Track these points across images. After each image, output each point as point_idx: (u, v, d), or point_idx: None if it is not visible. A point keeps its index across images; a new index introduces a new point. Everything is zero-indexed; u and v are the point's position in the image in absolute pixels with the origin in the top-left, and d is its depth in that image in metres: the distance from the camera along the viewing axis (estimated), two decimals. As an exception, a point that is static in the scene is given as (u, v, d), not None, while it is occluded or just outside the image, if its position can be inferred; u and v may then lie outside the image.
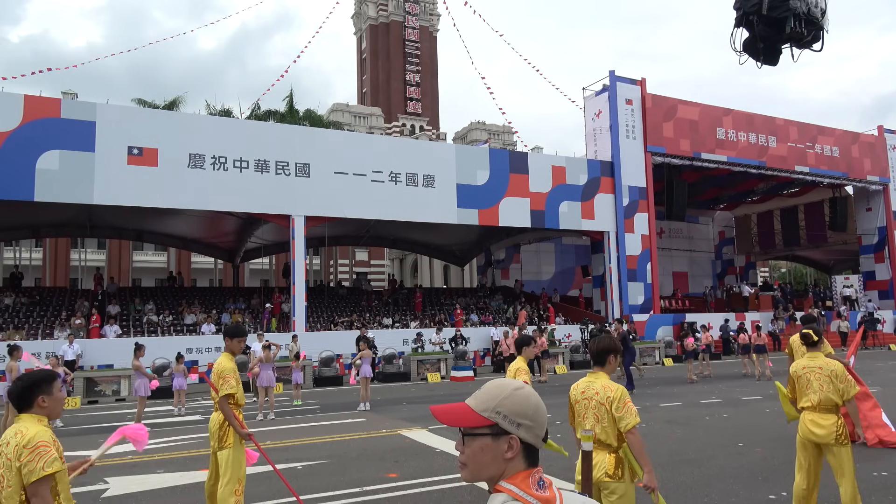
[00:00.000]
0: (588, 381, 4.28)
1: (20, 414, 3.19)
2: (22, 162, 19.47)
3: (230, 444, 5.70)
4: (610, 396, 4.09)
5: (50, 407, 3.22)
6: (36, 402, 3.19)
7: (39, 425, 3.14)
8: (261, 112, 36.50)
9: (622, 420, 4.04)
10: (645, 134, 30.61)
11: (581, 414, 4.23)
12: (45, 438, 3.06)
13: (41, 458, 3.00)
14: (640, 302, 29.71)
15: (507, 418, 1.59)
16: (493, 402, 1.61)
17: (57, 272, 40.03)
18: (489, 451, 1.59)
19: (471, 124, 75.26)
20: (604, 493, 4.08)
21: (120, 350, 19.48)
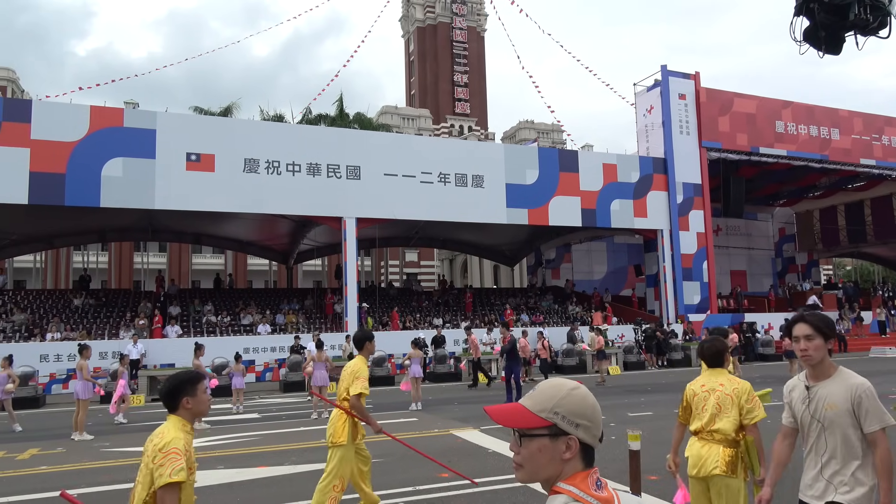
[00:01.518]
0: (708, 377, 4.42)
1: (169, 414, 3.34)
2: (89, 170, 20.38)
3: (342, 441, 5.96)
4: (737, 388, 4.24)
5: (194, 409, 3.33)
6: (181, 405, 3.31)
7: (180, 431, 3.23)
8: (312, 116, 37.21)
9: (751, 412, 4.17)
10: (699, 129, 29.83)
11: (700, 406, 4.34)
12: (179, 446, 3.14)
13: (171, 464, 3.08)
14: (696, 301, 28.96)
15: (566, 419, 1.57)
16: (550, 402, 1.59)
17: (121, 275, 41.73)
18: (547, 452, 1.57)
19: (519, 123, 74.87)
20: (714, 488, 4.15)
21: (181, 350, 20.15)
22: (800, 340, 3.21)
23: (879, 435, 3.02)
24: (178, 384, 3.33)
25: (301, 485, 7.69)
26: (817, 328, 3.19)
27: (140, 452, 4.19)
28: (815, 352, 3.18)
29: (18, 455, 10.21)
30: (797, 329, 3.23)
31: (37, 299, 25.82)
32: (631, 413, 12.87)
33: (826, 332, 3.19)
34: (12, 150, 19.71)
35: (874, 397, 3.07)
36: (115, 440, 11.56)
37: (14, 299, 25.43)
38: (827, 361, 3.19)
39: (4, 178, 19.56)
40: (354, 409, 6.01)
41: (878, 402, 3.06)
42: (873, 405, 3.05)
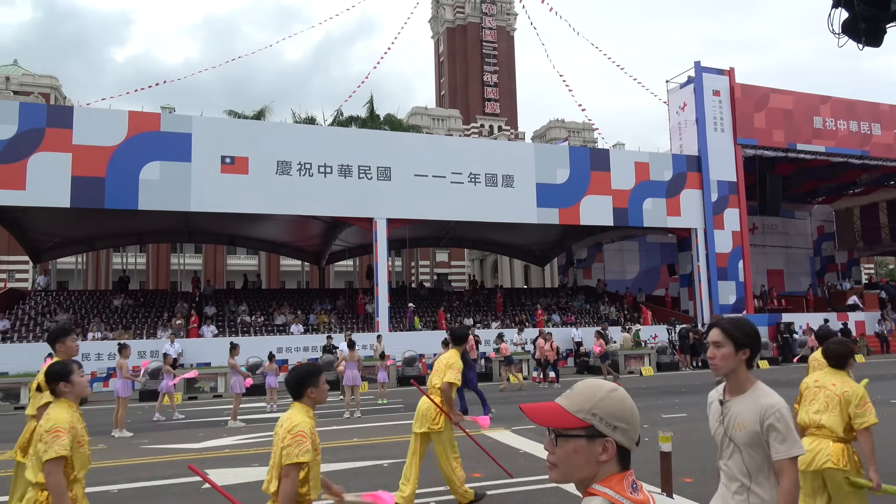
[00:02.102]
0: (825, 374, 4.57)
1: (294, 402, 3.74)
2: (127, 173, 20.91)
3: (442, 427, 6.60)
4: (848, 392, 4.34)
5: (316, 398, 3.73)
6: (306, 394, 3.71)
7: (305, 416, 3.63)
8: (343, 118, 37.56)
9: (859, 417, 4.25)
10: (734, 126, 29.29)
11: (809, 399, 4.54)
12: (305, 430, 3.54)
13: (298, 446, 3.48)
14: (732, 301, 28.44)
15: (604, 420, 1.56)
16: (588, 403, 1.58)
17: (159, 276, 42.67)
18: (583, 454, 1.56)
19: (550, 122, 74.43)
20: (831, 481, 4.24)
21: (216, 349, 20.53)
22: (710, 347, 2.89)
23: (786, 464, 2.69)
24: (304, 375, 3.73)
25: (335, 482, 7.77)
26: (728, 334, 2.81)
27: (177, 450, 4.27)
28: (721, 361, 2.81)
29: (62, 451, 10.52)
30: (710, 335, 2.91)
31: (78, 299, 26.56)
32: (665, 414, 12.71)
33: (738, 340, 2.79)
34: (56, 156, 20.34)
35: (785, 421, 2.72)
36: (154, 437, 11.84)
37: (57, 299, 26.21)
38: (742, 374, 2.83)
39: (48, 183, 20.19)
40: (444, 394, 6.64)
41: (789, 428, 2.72)
42: (784, 430, 2.71)
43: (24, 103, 23.59)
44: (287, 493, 3.43)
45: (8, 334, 22.25)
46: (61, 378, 3.87)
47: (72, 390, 3.91)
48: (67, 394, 3.91)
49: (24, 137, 20.20)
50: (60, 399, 3.88)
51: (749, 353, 2.78)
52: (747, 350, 2.79)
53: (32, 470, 3.68)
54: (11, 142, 20.05)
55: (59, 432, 3.62)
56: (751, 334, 2.82)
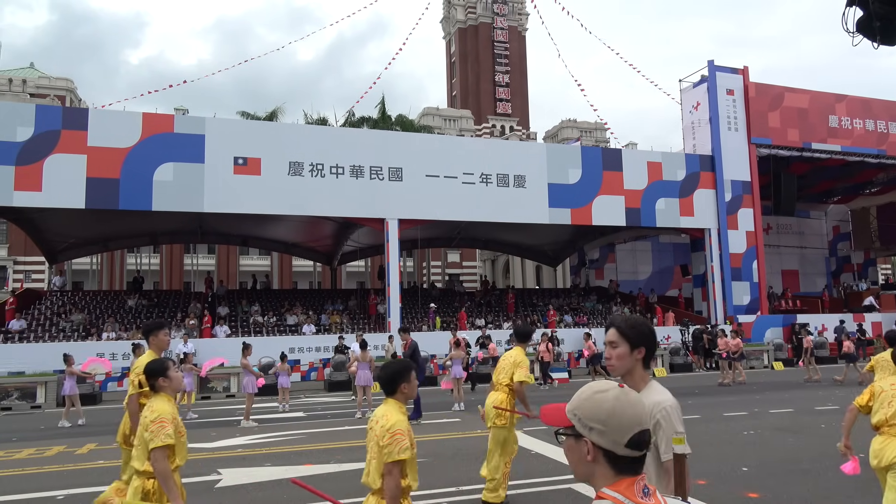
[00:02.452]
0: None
1: (387, 398, 3.87)
2: (141, 174, 21.08)
3: (505, 423, 6.72)
4: None
5: (408, 393, 3.88)
6: (399, 389, 3.84)
7: (399, 412, 3.78)
8: (355, 119, 37.64)
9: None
10: (748, 125, 29.06)
11: (885, 402, 4.76)
12: (403, 427, 3.69)
13: (397, 444, 3.62)
14: (746, 302, 28.21)
15: (581, 421, 1.60)
16: (574, 402, 1.65)
17: (172, 276, 42.95)
18: (574, 452, 1.62)
19: (561, 122, 74.21)
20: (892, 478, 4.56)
21: (229, 349, 20.59)
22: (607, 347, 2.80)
23: (677, 460, 2.52)
24: (397, 371, 3.87)
25: (346, 482, 7.79)
26: (623, 334, 2.71)
27: (190, 448, 4.30)
28: (617, 361, 2.72)
29: (77, 449, 10.62)
30: (607, 334, 2.82)
31: (93, 300, 26.82)
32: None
33: (633, 340, 2.69)
34: (71, 157, 20.55)
35: (671, 419, 2.54)
36: (168, 436, 11.90)
37: (73, 300, 26.47)
38: (637, 374, 2.71)
39: (64, 184, 20.40)
40: (518, 393, 6.87)
41: (673, 427, 2.54)
42: (670, 429, 2.53)
43: (41, 106, 23.85)
44: (391, 490, 3.61)
45: (24, 334, 22.51)
46: (160, 374, 4.19)
47: (169, 385, 4.23)
48: (166, 388, 4.22)
49: (40, 139, 20.43)
50: (160, 393, 4.18)
51: (644, 353, 2.70)
52: (642, 349, 2.70)
53: (139, 459, 3.97)
54: (28, 144, 20.28)
55: (164, 423, 3.95)
56: (646, 333, 2.73)
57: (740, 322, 27.22)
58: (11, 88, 50.21)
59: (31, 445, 11.16)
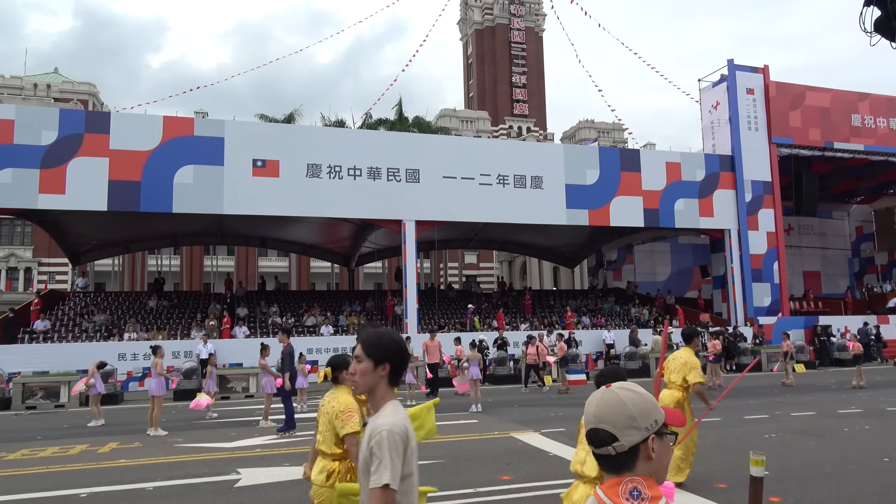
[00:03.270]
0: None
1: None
2: (162, 177, 21.34)
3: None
4: None
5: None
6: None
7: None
8: (372, 121, 37.77)
9: None
10: (769, 124, 28.73)
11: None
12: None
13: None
14: (767, 304, 27.87)
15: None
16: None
17: (192, 277, 43.40)
18: None
19: (579, 123, 73.92)
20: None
21: (248, 350, 20.81)
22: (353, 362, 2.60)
23: (375, 493, 2.24)
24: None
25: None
26: (366, 349, 2.51)
27: (211, 448, 4.33)
28: (360, 377, 2.52)
29: (100, 448, 10.78)
30: (355, 349, 2.60)
31: (115, 301, 27.19)
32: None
33: (377, 355, 2.49)
34: (93, 160, 20.86)
35: (385, 446, 2.28)
36: (188, 436, 12.04)
37: (95, 301, 26.85)
38: (380, 392, 2.50)
39: (86, 187, 20.72)
40: (700, 395, 7.50)
41: (388, 453, 2.28)
42: (379, 456, 2.29)
43: (64, 110, 24.23)
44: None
45: (48, 334, 22.87)
46: (343, 367, 4.53)
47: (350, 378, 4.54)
48: (347, 381, 4.46)
49: (64, 143, 20.77)
50: (341, 385, 4.51)
51: (389, 369, 2.50)
52: (387, 365, 2.49)
53: (326, 443, 4.31)
54: (52, 147, 20.63)
55: (351, 412, 4.24)
56: (391, 348, 2.52)
57: (761, 324, 26.91)
58: (36, 93, 51.10)
59: (55, 444, 11.34)
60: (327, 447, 4.28)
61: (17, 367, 18.99)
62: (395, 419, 2.38)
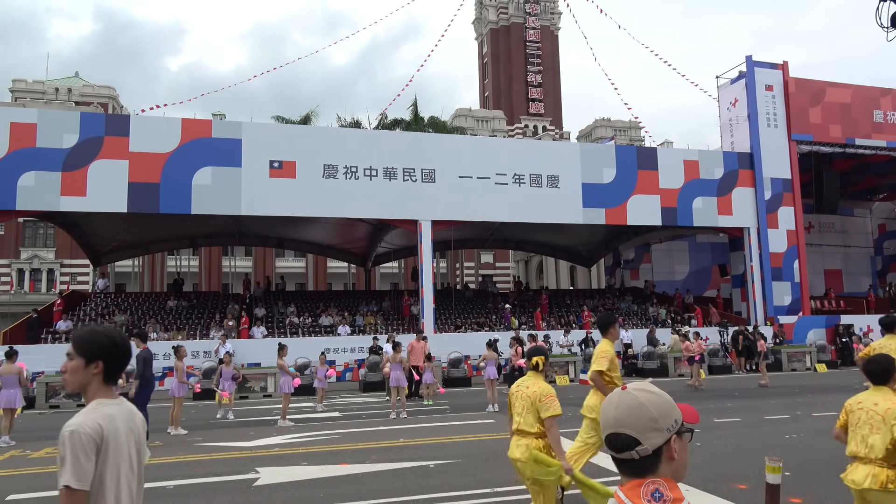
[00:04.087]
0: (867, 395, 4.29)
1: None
2: (181, 179, 21.58)
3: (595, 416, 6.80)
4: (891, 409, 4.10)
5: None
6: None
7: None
8: (388, 121, 37.88)
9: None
10: (788, 121, 28.38)
11: (854, 424, 4.27)
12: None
13: None
14: (787, 303, 27.53)
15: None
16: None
17: (211, 278, 43.85)
18: None
19: (595, 122, 73.54)
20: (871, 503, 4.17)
21: (266, 350, 20.97)
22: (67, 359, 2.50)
23: (61, 494, 2.22)
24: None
25: (382, 482, 7.85)
26: (75, 347, 2.43)
27: (230, 447, 4.36)
28: (70, 375, 2.43)
29: (121, 447, 10.90)
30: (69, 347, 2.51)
31: (135, 301, 27.53)
32: (717, 419, 12.39)
33: (88, 353, 2.41)
34: (113, 163, 21.14)
35: (67, 445, 2.24)
36: (207, 435, 12.17)
37: (116, 301, 27.21)
38: (91, 390, 2.43)
39: (107, 189, 21.00)
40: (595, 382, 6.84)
41: (70, 453, 2.23)
42: (65, 456, 2.24)
43: (85, 113, 24.57)
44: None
45: (70, 334, 23.18)
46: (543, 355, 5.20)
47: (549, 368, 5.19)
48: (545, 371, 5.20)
49: (84, 146, 21.07)
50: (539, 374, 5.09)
51: (102, 367, 2.42)
52: (99, 363, 2.42)
53: (528, 423, 4.87)
54: (74, 150, 20.94)
55: (552, 397, 4.78)
56: (104, 345, 2.44)
57: (781, 323, 26.59)
58: (58, 97, 51.89)
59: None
60: (529, 427, 4.87)
61: (41, 367, 19.29)
62: (86, 418, 2.31)
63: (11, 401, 12.06)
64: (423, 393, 17.39)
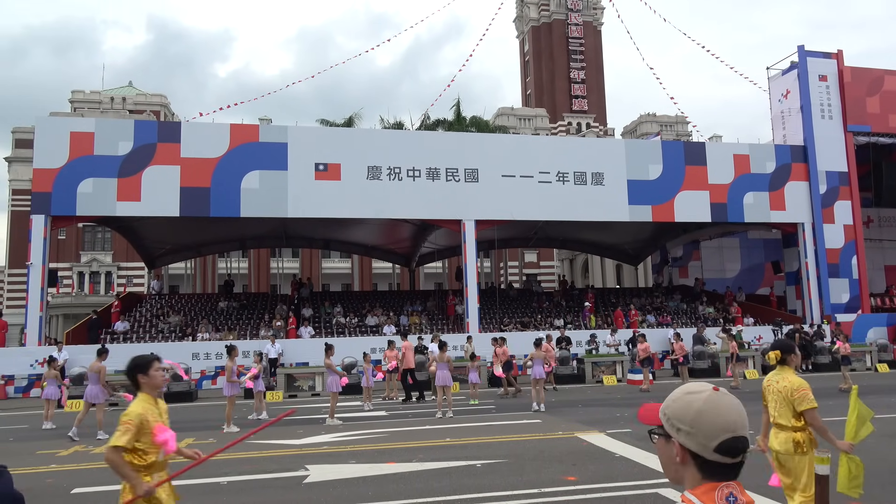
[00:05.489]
0: None
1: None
2: (230, 183, 22.14)
3: None
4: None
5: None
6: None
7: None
8: (430, 122, 38.01)
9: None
10: (844, 112, 27.35)
11: None
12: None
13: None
14: (845, 300, 26.54)
15: (669, 420, 1.60)
16: (665, 402, 1.65)
17: (260, 279, 44.82)
18: (664, 453, 1.64)
19: (640, 117, 72.27)
20: None
21: (314, 349, 21.31)
22: None
23: None
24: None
25: (429, 481, 7.89)
26: None
27: (279, 445, 4.46)
28: None
29: (178, 443, 11.25)
30: None
31: (188, 302, 28.34)
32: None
33: None
34: (166, 168, 21.84)
35: None
36: (258, 433, 12.42)
37: (170, 303, 28.08)
38: None
39: (160, 194, 21.71)
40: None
41: None
42: None
43: (139, 121, 25.44)
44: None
45: (128, 334, 24.06)
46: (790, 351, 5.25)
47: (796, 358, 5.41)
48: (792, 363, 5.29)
49: (139, 153, 21.83)
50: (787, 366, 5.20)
51: None
52: None
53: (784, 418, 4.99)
54: (128, 157, 21.71)
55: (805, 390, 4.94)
56: None
57: (839, 321, 25.64)
58: (113, 106, 53.86)
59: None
60: (786, 421, 4.95)
61: (100, 366, 20.02)
62: None
63: (95, 396, 12.64)
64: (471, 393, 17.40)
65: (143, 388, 4.13)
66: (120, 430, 3.89)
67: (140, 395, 4.13)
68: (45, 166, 21.33)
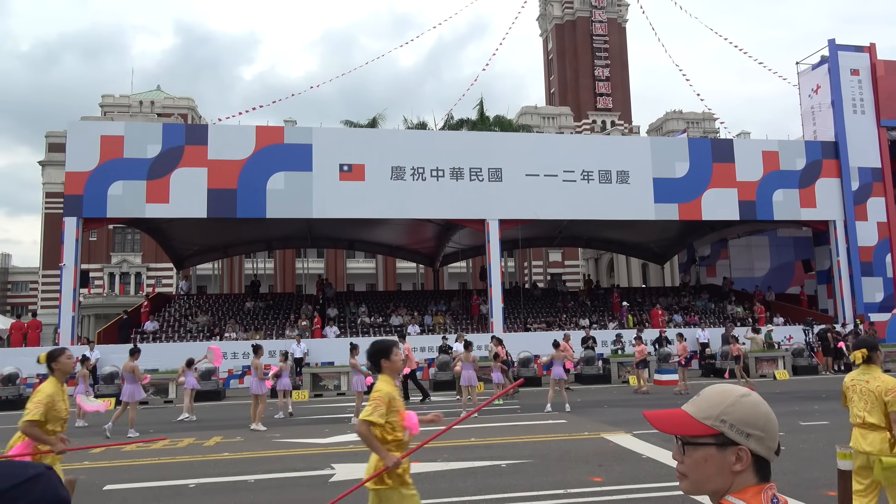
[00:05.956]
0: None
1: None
2: (256, 184, 22.39)
3: None
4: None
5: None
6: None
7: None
8: (454, 122, 38.02)
9: None
10: (877, 106, 26.72)
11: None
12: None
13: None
14: (879, 299, 25.92)
15: (735, 427, 1.47)
16: (716, 409, 1.49)
17: (285, 279, 45.23)
18: (714, 463, 1.48)
19: (666, 114, 71.39)
20: None
21: (339, 349, 21.42)
22: None
23: None
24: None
25: (455, 481, 7.89)
26: None
27: (306, 444, 4.51)
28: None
29: (205, 442, 11.42)
30: None
31: (216, 303, 28.74)
32: (803, 422, 11.81)
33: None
34: (194, 171, 22.16)
35: None
36: (285, 432, 12.56)
37: (198, 303, 28.49)
38: None
39: (188, 196, 22.04)
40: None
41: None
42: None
43: (167, 124, 25.87)
44: None
45: (157, 334, 24.47)
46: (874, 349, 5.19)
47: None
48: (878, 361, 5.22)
49: (167, 155, 22.19)
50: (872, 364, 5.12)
51: None
52: None
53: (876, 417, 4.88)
54: (157, 160, 22.08)
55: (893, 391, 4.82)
56: None
57: (872, 321, 25.05)
58: (142, 109, 54.86)
59: (165, 437, 12.10)
60: (878, 420, 4.87)
61: (131, 366, 20.40)
62: None
63: (132, 394, 12.91)
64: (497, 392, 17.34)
65: (385, 371, 4.44)
66: (370, 406, 4.22)
67: (381, 377, 4.44)
68: (77, 169, 21.79)
